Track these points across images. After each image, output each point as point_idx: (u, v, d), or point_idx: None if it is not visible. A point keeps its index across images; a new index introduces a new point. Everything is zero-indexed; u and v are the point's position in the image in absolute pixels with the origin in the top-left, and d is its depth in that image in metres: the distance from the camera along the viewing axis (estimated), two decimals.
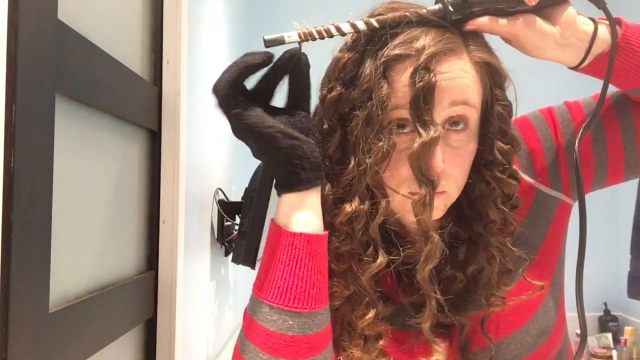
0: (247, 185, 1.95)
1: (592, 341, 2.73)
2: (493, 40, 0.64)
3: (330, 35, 0.57)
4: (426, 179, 0.58)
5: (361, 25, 0.56)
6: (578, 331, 2.78)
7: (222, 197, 1.92)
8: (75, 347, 0.81)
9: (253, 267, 1.86)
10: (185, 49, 1.29)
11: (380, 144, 0.58)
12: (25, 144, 0.65)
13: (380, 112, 0.57)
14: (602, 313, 2.85)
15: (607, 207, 2.94)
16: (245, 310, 0.60)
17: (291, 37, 0.51)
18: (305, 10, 2.99)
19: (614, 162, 0.71)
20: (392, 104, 0.58)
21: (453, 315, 0.67)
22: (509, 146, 0.64)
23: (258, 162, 0.62)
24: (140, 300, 1.11)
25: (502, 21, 0.60)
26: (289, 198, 0.57)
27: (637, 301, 2.22)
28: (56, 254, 0.75)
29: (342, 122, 0.62)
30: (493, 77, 0.62)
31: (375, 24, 0.56)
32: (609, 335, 2.74)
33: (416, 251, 0.65)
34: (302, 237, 0.55)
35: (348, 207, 0.62)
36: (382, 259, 0.63)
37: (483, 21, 0.60)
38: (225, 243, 1.91)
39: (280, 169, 0.56)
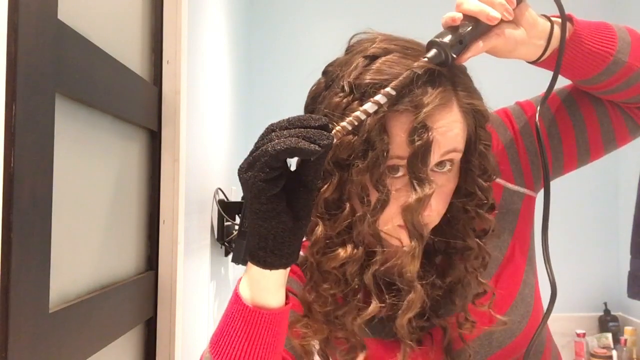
0: None
1: (592, 341, 2.73)
2: None
3: (360, 122, 0.58)
4: (417, 232, 0.62)
5: (383, 100, 0.58)
6: (578, 331, 2.78)
7: (222, 197, 1.92)
8: (75, 347, 0.81)
9: None
10: (185, 49, 1.29)
11: (379, 195, 0.61)
12: (25, 144, 0.65)
13: (380, 163, 0.60)
14: (602, 313, 2.85)
15: (607, 207, 2.94)
16: (202, 354, 0.61)
17: (330, 139, 0.52)
18: (305, 10, 2.99)
19: (568, 154, 0.77)
20: (389, 154, 0.60)
21: (434, 320, 0.72)
22: (488, 184, 0.69)
23: None
24: (140, 300, 1.11)
25: (483, 41, 0.65)
26: (254, 270, 0.56)
27: (637, 301, 2.22)
28: (56, 254, 0.75)
29: (339, 167, 0.62)
30: (477, 119, 0.66)
31: (393, 92, 0.59)
32: (609, 335, 2.74)
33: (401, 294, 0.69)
34: (257, 313, 0.56)
35: (343, 253, 0.65)
36: (375, 305, 0.66)
37: (473, 50, 0.64)
38: (225, 243, 1.91)
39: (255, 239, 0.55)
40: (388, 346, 0.73)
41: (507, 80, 2.15)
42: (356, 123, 0.57)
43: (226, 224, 1.90)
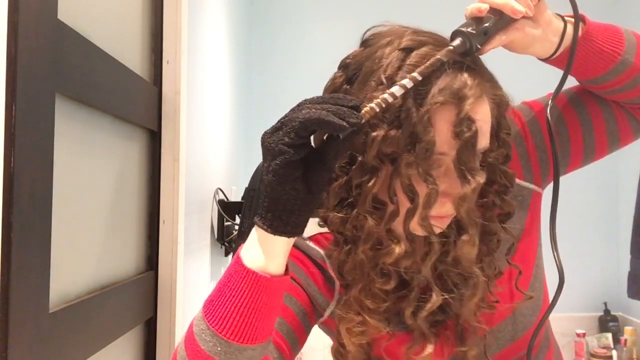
0: (247, 185, 1.96)
1: (592, 341, 2.73)
2: None
3: (388, 104, 0.59)
4: (473, 220, 0.64)
5: (409, 84, 0.59)
6: (578, 331, 2.77)
7: (222, 197, 1.92)
8: (75, 347, 0.81)
9: None
10: (185, 49, 1.29)
11: (429, 187, 0.61)
12: (25, 144, 0.65)
13: (429, 155, 0.60)
14: (602, 313, 2.85)
15: (607, 207, 2.94)
16: (195, 317, 0.61)
17: (358, 119, 0.54)
18: (304, 10, 2.99)
19: (574, 152, 0.79)
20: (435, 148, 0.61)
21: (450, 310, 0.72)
22: (511, 170, 0.70)
23: (258, 162, 0.62)
24: (140, 300, 1.11)
25: (504, 34, 0.66)
26: (259, 232, 0.57)
27: (637, 301, 2.23)
28: (56, 254, 0.75)
29: (385, 162, 0.63)
30: (501, 109, 0.68)
31: (419, 77, 0.60)
32: (609, 335, 2.74)
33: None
34: (254, 275, 0.56)
35: (397, 248, 0.65)
36: (436, 297, 0.67)
37: (496, 42, 0.66)
38: (225, 243, 1.91)
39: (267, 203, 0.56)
40: (399, 338, 0.73)
41: (512, 82, 2.15)
42: (384, 105, 0.58)
43: (226, 224, 1.90)
